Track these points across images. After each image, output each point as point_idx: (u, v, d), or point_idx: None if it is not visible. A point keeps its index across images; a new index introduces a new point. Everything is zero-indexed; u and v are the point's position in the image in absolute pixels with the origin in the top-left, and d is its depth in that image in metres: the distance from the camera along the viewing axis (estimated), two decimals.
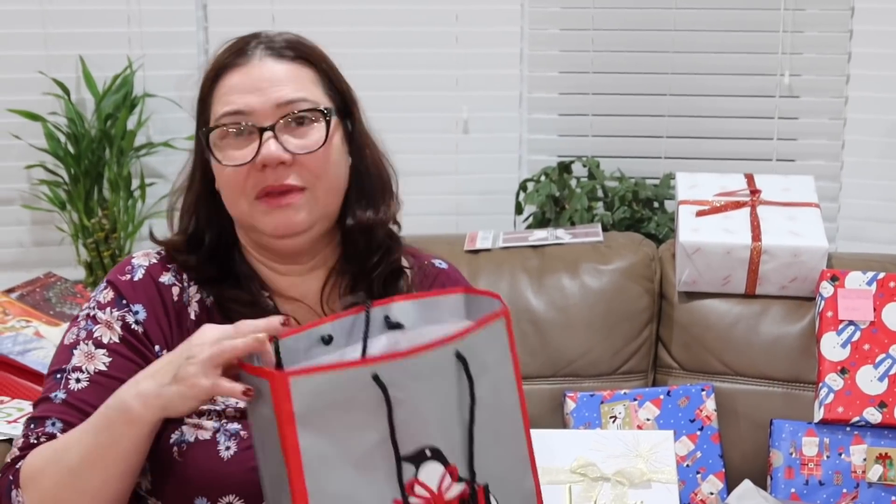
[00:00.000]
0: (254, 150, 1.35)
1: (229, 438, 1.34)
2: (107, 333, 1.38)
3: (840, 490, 1.94)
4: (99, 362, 1.37)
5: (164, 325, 1.40)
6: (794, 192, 2.18)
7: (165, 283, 1.42)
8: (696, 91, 2.68)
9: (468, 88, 2.71)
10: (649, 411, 2.01)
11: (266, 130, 1.35)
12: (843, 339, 2.00)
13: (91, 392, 1.35)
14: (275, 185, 1.35)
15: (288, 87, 1.37)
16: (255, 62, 1.38)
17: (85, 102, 2.60)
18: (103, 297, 1.41)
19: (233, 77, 1.37)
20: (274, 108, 1.36)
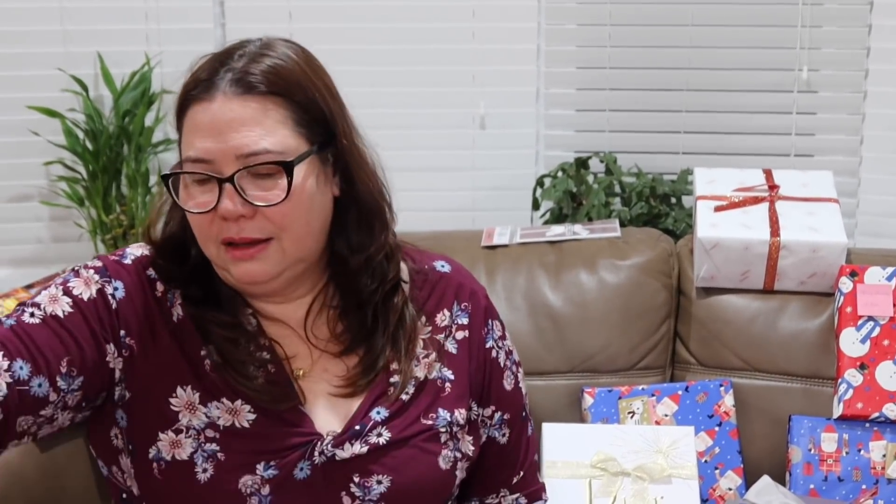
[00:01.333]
0: (214, 198, 1.28)
1: (206, 460, 1.32)
2: (80, 286, 1.33)
3: (859, 486, 1.93)
4: (59, 308, 1.30)
5: (138, 313, 1.35)
6: (812, 187, 2.17)
7: (151, 276, 1.38)
8: (714, 86, 2.67)
9: (485, 84, 2.71)
10: (667, 407, 2.00)
11: (225, 182, 1.27)
12: (863, 335, 1.99)
13: (39, 330, 1.28)
14: (235, 238, 1.29)
15: (252, 133, 1.27)
16: (218, 97, 1.27)
17: (103, 99, 2.61)
18: (92, 262, 1.39)
19: (196, 113, 1.29)
20: (234, 157, 1.27)
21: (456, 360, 1.45)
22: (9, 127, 2.61)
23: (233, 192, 1.27)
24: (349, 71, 2.63)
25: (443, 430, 1.41)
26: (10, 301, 2.08)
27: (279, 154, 1.28)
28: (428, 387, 1.42)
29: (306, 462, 1.34)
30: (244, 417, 1.34)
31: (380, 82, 2.66)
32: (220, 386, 1.35)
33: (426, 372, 1.42)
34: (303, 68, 1.33)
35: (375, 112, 2.67)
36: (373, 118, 2.62)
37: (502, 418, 1.51)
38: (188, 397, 1.34)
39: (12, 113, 2.59)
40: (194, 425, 1.32)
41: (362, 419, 1.37)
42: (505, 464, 1.53)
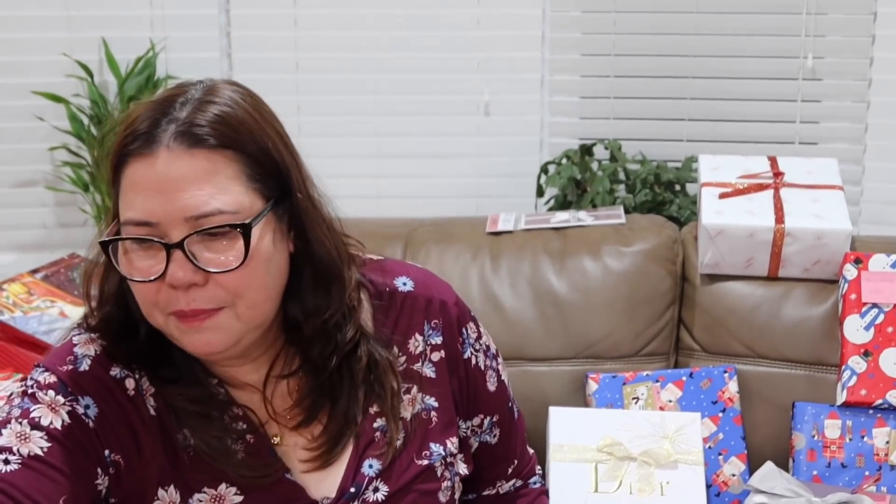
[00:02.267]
0: (161, 265, 1.14)
1: None
2: (48, 415, 1.18)
3: (863, 472, 1.94)
4: (34, 446, 1.16)
5: (119, 426, 1.22)
6: (817, 174, 2.17)
7: (116, 376, 1.23)
8: (719, 74, 2.67)
9: (489, 71, 2.70)
10: (672, 393, 2.01)
11: (174, 248, 1.13)
12: (867, 322, 1.99)
13: (22, 476, 1.14)
14: (185, 310, 1.16)
15: (200, 192, 1.13)
16: (161, 153, 1.13)
17: (108, 84, 2.61)
18: (43, 378, 1.21)
19: (137, 170, 1.14)
20: (182, 220, 1.13)
21: (437, 383, 1.36)
22: (14, 112, 2.61)
23: (183, 259, 1.14)
24: (353, 57, 2.64)
25: (438, 464, 1.35)
26: (16, 286, 2.08)
27: (233, 214, 1.15)
28: (415, 423, 1.34)
29: None
30: (231, 502, 1.25)
31: (384, 69, 2.66)
32: (200, 475, 1.24)
33: (411, 408, 1.34)
34: (253, 115, 1.20)
35: (379, 99, 2.68)
36: (377, 105, 2.68)
37: (492, 422, 1.45)
38: (170, 497, 1.24)
39: (17, 98, 2.58)
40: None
41: (355, 478, 1.29)
42: (499, 460, 1.50)
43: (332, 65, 2.68)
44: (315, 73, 2.69)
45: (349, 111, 2.70)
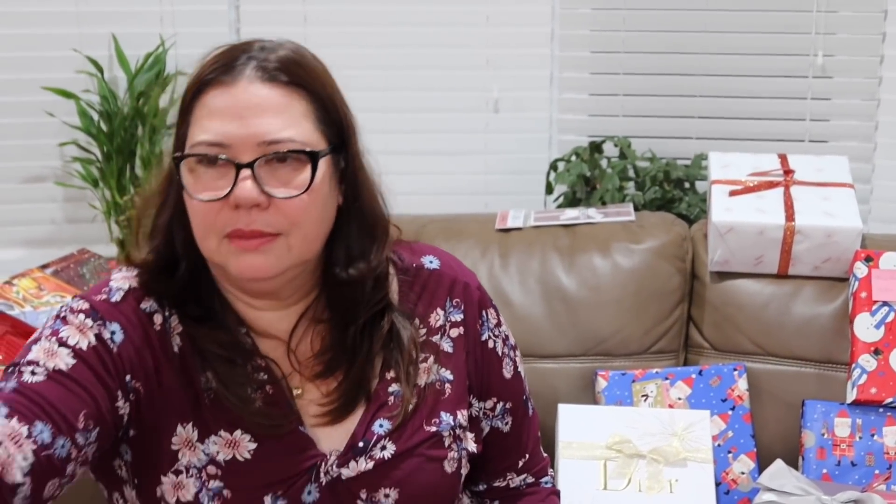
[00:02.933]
0: (228, 185, 1.21)
1: (212, 499, 1.27)
2: (75, 335, 1.24)
3: (872, 471, 1.93)
4: (60, 361, 1.21)
5: (143, 355, 1.27)
6: (827, 172, 2.17)
7: (147, 310, 1.29)
8: (729, 71, 2.66)
9: (498, 68, 2.70)
10: (681, 390, 2.01)
11: (244, 168, 1.20)
12: (877, 320, 1.99)
13: (47, 387, 1.19)
14: (244, 230, 1.22)
15: (275, 120, 1.21)
16: (241, 83, 1.21)
17: (117, 80, 2.61)
18: (77, 305, 1.28)
19: (216, 97, 1.22)
20: (255, 144, 1.21)
21: (453, 358, 1.40)
22: (24, 108, 2.61)
23: (251, 179, 1.20)
24: (362, 54, 2.64)
25: (446, 434, 1.37)
26: (26, 280, 2.09)
27: (302, 145, 1.23)
28: (428, 391, 1.37)
29: (313, 485, 1.30)
30: (245, 448, 1.29)
31: (393, 65, 2.66)
32: (218, 418, 1.29)
33: (426, 377, 1.37)
34: (323, 67, 1.30)
35: (389, 95, 2.68)
36: (386, 101, 2.68)
37: (504, 408, 1.47)
38: (187, 434, 1.28)
39: (27, 94, 2.58)
40: (194, 464, 1.27)
41: (365, 434, 1.33)
42: (510, 451, 1.50)
43: (340, 61, 2.64)
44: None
45: (357, 107, 2.62)
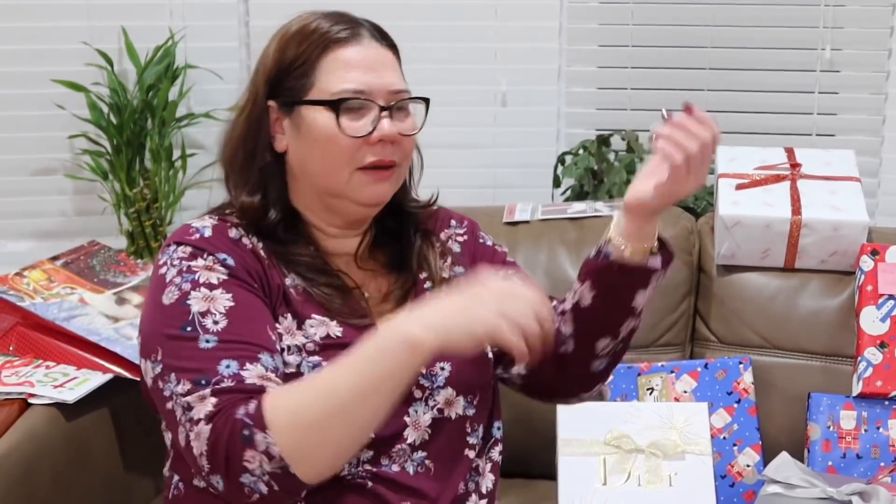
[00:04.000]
0: (369, 124, 1.42)
1: (312, 369, 1.37)
2: (212, 275, 1.37)
3: (878, 464, 1.94)
4: (223, 300, 1.35)
5: (251, 266, 1.41)
6: (834, 166, 2.17)
7: (234, 236, 1.43)
8: (736, 65, 2.67)
9: (507, 61, 2.71)
10: (686, 384, 2.01)
11: (386, 109, 1.43)
12: (883, 314, 1.99)
13: (235, 327, 1.34)
14: (384, 160, 1.43)
15: (394, 73, 1.46)
16: (366, 42, 1.44)
17: (127, 73, 2.62)
18: (182, 252, 1.40)
19: (347, 52, 1.43)
20: (387, 92, 1.43)
21: (461, 257, 1.60)
22: (34, 100, 2.63)
23: (389, 119, 1.43)
24: None
25: None
26: (37, 272, 2.10)
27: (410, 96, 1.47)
28: (450, 285, 1.52)
29: None
30: (334, 330, 1.42)
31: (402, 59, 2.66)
32: (308, 307, 1.43)
33: (448, 273, 1.57)
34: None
35: None
36: None
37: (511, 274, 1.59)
38: (288, 324, 1.41)
39: (37, 86, 2.60)
40: (296, 342, 1.39)
41: None
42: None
43: None
44: None
45: None
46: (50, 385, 1.88)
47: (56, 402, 1.85)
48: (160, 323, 1.36)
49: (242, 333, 1.34)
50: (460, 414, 1.47)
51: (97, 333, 1.98)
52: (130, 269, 2.21)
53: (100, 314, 2.05)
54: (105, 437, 1.97)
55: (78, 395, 1.86)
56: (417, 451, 1.44)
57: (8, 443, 1.75)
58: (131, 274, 2.20)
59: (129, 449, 2.03)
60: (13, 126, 2.66)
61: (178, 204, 2.60)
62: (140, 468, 2.07)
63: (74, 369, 1.95)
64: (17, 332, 2.01)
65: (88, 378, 1.93)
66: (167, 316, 1.35)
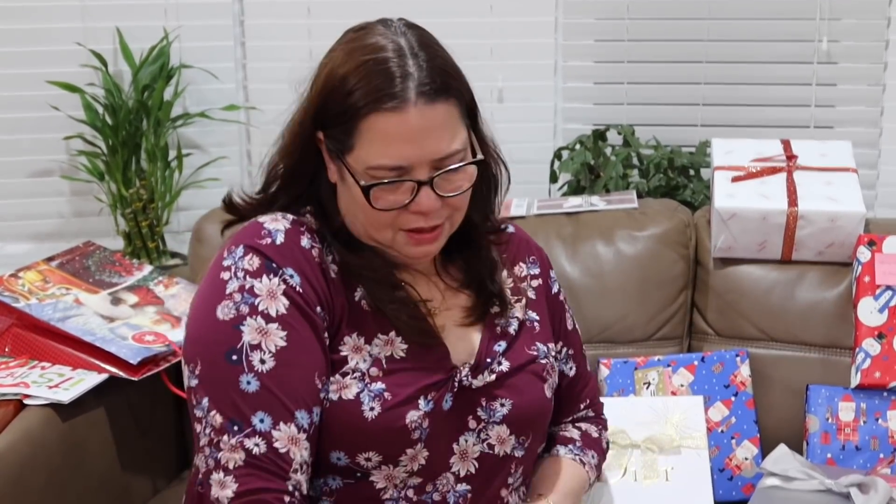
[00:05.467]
0: (406, 196, 1.35)
1: (373, 399, 1.36)
2: (272, 305, 1.34)
3: (877, 455, 1.93)
4: (277, 338, 1.33)
5: (316, 286, 1.38)
6: (831, 157, 2.16)
7: (305, 245, 1.39)
8: (733, 58, 2.66)
9: (503, 57, 2.70)
10: (683, 377, 2.01)
11: (424, 185, 1.34)
12: (881, 304, 1.99)
13: (282, 372, 1.32)
14: (425, 227, 1.38)
15: (444, 136, 1.34)
16: (410, 109, 1.31)
17: (122, 74, 2.62)
18: (249, 264, 1.35)
19: (388, 122, 1.32)
20: (430, 161, 1.33)
21: (537, 304, 1.57)
22: (29, 102, 2.63)
23: (430, 192, 1.34)
24: None
25: (543, 360, 1.52)
26: (32, 273, 2.09)
27: (464, 151, 1.36)
28: (524, 326, 1.53)
29: (449, 393, 1.43)
30: (398, 348, 1.41)
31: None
32: (375, 323, 1.41)
33: (522, 314, 1.53)
34: (446, 55, 1.39)
35: None
36: None
37: (568, 353, 1.62)
38: (354, 342, 1.40)
39: (33, 88, 2.59)
40: (360, 368, 1.38)
41: (487, 351, 1.47)
42: (573, 396, 1.64)
43: None
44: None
45: None
46: (45, 386, 1.88)
47: (51, 403, 1.85)
48: (208, 334, 1.35)
49: (286, 381, 1.32)
50: (508, 453, 1.47)
51: (92, 334, 1.98)
52: (126, 270, 2.21)
53: (95, 314, 2.05)
54: (101, 438, 1.97)
55: (73, 395, 1.86)
56: (461, 483, 1.44)
57: (3, 443, 1.75)
58: (126, 274, 2.20)
59: (124, 449, 2.03)
60: (9, 128, 2.66)
61: (174, 204, 2.60)
62: (136, 468, 2.07)
63: (70, 370, 1.95)
64: (12, 333, 2.01)
65: (83, 378, 1.93)
66: (217, 332, 1.34)
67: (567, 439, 1.62)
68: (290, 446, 1.31)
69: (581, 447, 1.61)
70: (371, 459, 1.37)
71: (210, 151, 2.70)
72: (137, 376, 1.95)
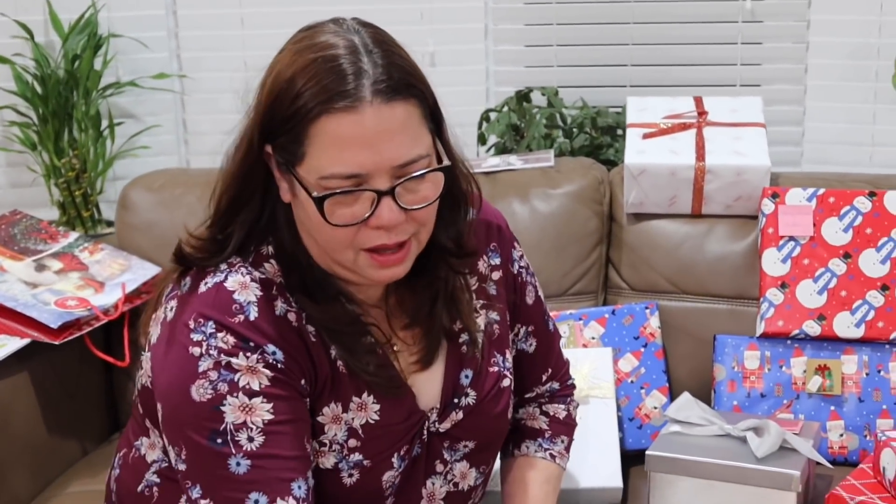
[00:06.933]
0: (365, 209, 1.22)
1: (352, 468, 1.35)
2: (253, 379, 1.25)
3: (781, 401, 1.98)
4: (262, 411, 1.25)
5: (297, 358, 1.30)
6: (741, 112, 2.20)
7: (280, 313, 1.30)
8: (660, 18, 2.68)
9: (433, 22, 2.72)
10: (594, 330, 2.05)
11: (384, 195, 1.22)
12: (784, 255, 2.03)
13: (272, 444, 1.25)
14: (389, 244, 1.26)
15: (404, 140, 1.21)
16: (366, 109, 1.18)
17: (54, 44, 2.64)
18: (223, 342, 1.26)
19: (341, 125, 1.19)
20: (390, 168, 1.21)
21: (498, 299, 1.48)
22: None
23: (392, 204, 1.22)
24: (296, 11, 2.64)
25: (504, 377, 1.46)
26: None
27: (427, 158, 1.24)
28: (485, 335, 1.45)
29: (418, 442, 1.40)
30: (371, 410, 1.35)
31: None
32: (350, 386, 1.34)
33: (482, 322, 1.45)
34: (405, 55, 1.28)
35: None
36: None
37: (527, 331, 1.55)
38: (332, 411, 1.34)
39: None
40: (338, 439, 1.34)
41: (455, 387, 1.42)
42: (535, 367, 1.59)
43: (276, 19, 2.70)
44: (260, 29, 2.71)
45: None
46: None
47: None
48: (187, 418, 1.26)
49: (277, 455, 1.26)
50: (472, 485, 1.47)
51: (14, 299, 2.01)
52: (51, 237, 2.24)
53: (18, 280, 2.08)
54: (26, 402, 2.01)
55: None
56: None
57: None
58: (52, 241, 2.23)
59: (51, 413, 2.07)
60: None
61: (107, 172, 2.62)
62: (64, 431, 2.10)
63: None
64: None
65: (5, 344, 1.97)
66: (197, 415, 1.25)
67: (535, 431, 1.59)
68: None
69: (550, 437, 1.58)
70: None
71: (145, 120, 2.73)
72: (59, 340, 1.99)
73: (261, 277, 1.30)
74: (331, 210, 1.22)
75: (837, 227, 2.02)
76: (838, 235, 2.02)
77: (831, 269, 2.01)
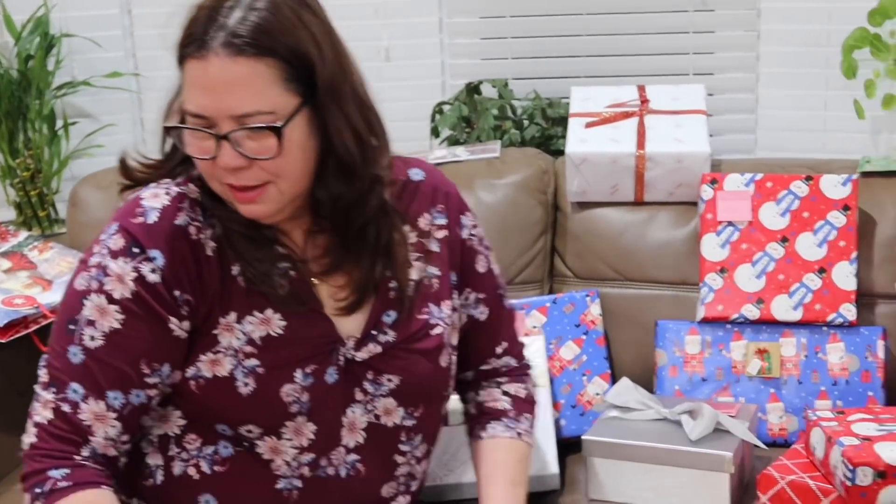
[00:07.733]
0: (213, 148, 1.34)
1: (247, 375, 1.40)
2: (118, 288, 1.37)
3: (721, 385, 2.00)
4: (112, 319, 1.37)
5: (185, 266, 1.40)
6: (682, 100, 2.21)
7: (181, 223, 1.40)
8: (612, 9, 2.69)
9: (388, 16, 2.73)
10: (536, 319, 2.06)
11: (221, 139, 1.33)
12: (723, 240, 2.04)
13: (107, 350, 1.37)
14: (235, 185, 1.37)
15: (243, 94, 1.31)
16: (211, 57, 1.30)
17: (8, 45, 2.64)
18: (114, 243, 1.39)
19: (191, 68, 1.32)
20: (227, 117, 1.32)
21: (439, 256, 1.55)
22: None
23: (229, 148, 1.33)
24: None
25: (435, 325, 1.52)
26: None
27: (270, 115, 1.32)
28: (420, 286, 1.52)
29: (333, 367, 1.45)
30: (276, 325, 1.42)
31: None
32: (251, 302, 1.42)
33: (417, 274, 1.52)
34: (291, 20, 1.33)
35: None
36: None
37: (478, 298, 1.61)
38: (226, 321, 1.42)
39: None
40: (233, 345, 1.41)
41: (376, 323, 1.48)
42: (490, 337, 1.64)
43: None
44: None
45: None
46: None
47: None
48: (65, 297, 1.42)
49: (109, 361, 1.37)
50: (398, 423, 1.50)
51: None
52: (0, 236, 2.26)
53: None
54: None
55: None
56: (351, 454, 1.48)
57: None
58: (1, 241, 2.24)
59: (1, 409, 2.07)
60: None
61: (62, 172, 2.63)
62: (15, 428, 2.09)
63: None
64: None
65: None
66: (69, 298, 1.40)
67: (499, 412, 1.63)
68: (94, 421, 1.37)
69: (514, 416, 1.62)
70: (252, 431, 1.42)
71: (102, 119, 2.73)
72: (5, 339, 2.00)
73: (178, 192, 1.41)
74: (189, 142, 1.35)
75: (775, 211, 2.04)
76: (776, 220, 2.03)
77: (769, 253, 2.02)
